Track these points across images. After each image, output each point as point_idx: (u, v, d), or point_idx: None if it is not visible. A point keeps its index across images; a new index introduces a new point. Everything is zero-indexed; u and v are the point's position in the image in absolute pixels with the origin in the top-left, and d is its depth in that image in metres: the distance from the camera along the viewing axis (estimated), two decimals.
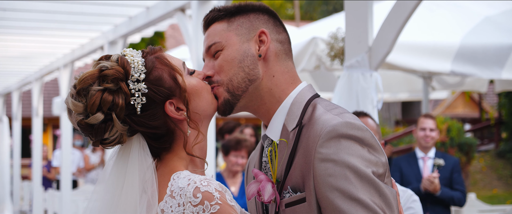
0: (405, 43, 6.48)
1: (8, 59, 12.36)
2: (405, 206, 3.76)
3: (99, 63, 2.15)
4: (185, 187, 2.03)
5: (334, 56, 5.07)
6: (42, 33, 9.94)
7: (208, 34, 2.31)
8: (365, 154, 2.01)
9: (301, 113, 2.18)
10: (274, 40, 2.27)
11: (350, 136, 2.01)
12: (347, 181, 1.96)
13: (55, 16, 8.80)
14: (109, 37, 9.16)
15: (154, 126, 2.14)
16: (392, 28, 4.66)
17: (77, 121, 2.11)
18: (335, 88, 4.93)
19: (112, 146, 2.16)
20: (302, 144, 2.09)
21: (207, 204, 2.00)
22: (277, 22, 2.32)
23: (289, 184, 2.12)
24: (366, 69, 4.75)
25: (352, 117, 2.10)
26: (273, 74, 2.24)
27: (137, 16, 8.11)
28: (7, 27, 9.34)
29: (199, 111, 2.22)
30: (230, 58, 2.22)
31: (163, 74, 2.16)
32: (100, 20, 8.92)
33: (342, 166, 1.97)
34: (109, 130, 2.11)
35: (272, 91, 2.24)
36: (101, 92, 2.08)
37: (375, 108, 4.78)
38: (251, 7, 2.30)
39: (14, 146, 16.97)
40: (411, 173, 7.27)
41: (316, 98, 2.24)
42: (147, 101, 2.12)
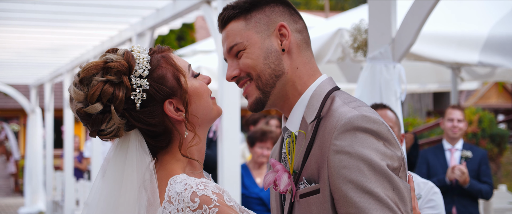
0: (432, 33, 6.44)
1: (40, 51, 12.53)
2: (426, 199, 3.75)
3: (106, 55, 2.18)
4: (183, 192, 2.04)
5: (357, 48, 5.06)
6: (72, 26, 10.07)
7: (226, 34, 2.29)
8: (381, 147, 2.01)
9: (320, 106, 2.18)
10: (293, 31, 2.26)
11: (366, 129, 2.01)
12: (361, 174, 1.97)
13: (84, 8, 8.92)
14: (137, 29, 9.24)
15: (152, 123, 2.16)
16: (415, 20, 4.64)
17: (77, 108, 2.14)
18: (358, 80, 4.92)
19: (108, 138, 2.18)
20: (319, 136, 2.10)
21: (206, 208, 2.01)
22: (292, 11, 2.31)
23: (305, 175, 2.13)
24: (389, 61, 4.73)
25: (369, 110, 2.10)
26: (296, 66, 2.25)
27: (164, 8, 8.16)
28: (37, 19, 9.48)
29: (198, 114, 2.23)
30: (255, 56, 2.22)
31: (166, 74, 2.18)
32: (128, 13, 9.00)
33: (357, 159, 1.98)
34: (107, 122, 2.13)
35: (295, 84, 2.24)
36: (103, 83, 2.11)
37: (399, 100, 4.76)
38: (265, 0, 2.29)
39: (46, 136, 17.21)
40: (438, 164, 7.22)
41: (335, 91, 2.24)
42: (147, 98, 2.14)
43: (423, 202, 3.74)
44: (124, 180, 2.14)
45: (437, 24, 6.70)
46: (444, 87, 11.91)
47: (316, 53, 6.75)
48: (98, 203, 2.18)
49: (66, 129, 14.29)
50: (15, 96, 18.97)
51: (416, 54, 6.32)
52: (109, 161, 2.21)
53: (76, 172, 15.35)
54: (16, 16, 9.31)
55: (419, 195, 3.74)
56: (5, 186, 25.86)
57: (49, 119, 16.95)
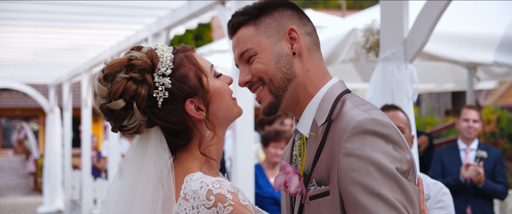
0: (447, 33, 6.42)
1: (57, 51, 12.64)
2: (435, 199, 3.75)
3: (130, 52, 2.21)
4: (198, 190, 2.07)
5: (370, 49, 5.06)
6: (89, 26, 10.16)
7: (237, 40, 2.31)
8: (390, 150, 2.02)
9: (330, 108, 2.20)
10: (303, 34, 2.27)
11: (375, 132, 2.02)
12: (370, 177, 1.98)
13: (101, 9, 9.00)
14: (153, 29, 9.31)
15: (173, 121, 2.19)
16: (427, 20, 4.63)
17: (100, 104, 2.18)
18: (370, 81, 4.92)
19: (130, 134, 2.21)
20: (329, 138, 2.12)
21: (221, 206, 2.04)
22: (301, 14, 2.32)
23: (315, 177, 2.15)
24: (401, 61, 4.73)
25: (379, 113, 2.11)
26: (307, 69, 2.26)
27: (179, 8, 8.21)
28: (55, 20, 9.57)
29: (219, 114, 2.25)
30: (266, 61, 2.24)
31: (189, 73, 2.21)
32: (144, 13, 9.07)
33: (366, 162, 1.99)
34: (129, 118, 2.16)
35: (306, 87, 2.26)
36: (126, 80, 2.14)
37: (411, 100, 4.76)
38: (273, 4, 2.30)
39: (65, 136, 17.35)
40: (452, 164, 7.20)
41: (346, 94, 2.25)
42: (169, 96, 2.17)
43: (433, 203, 3.74)
44: (142, 175, 2.18)
45: (452, 24, 6.68)
46: (460, 87, 11.85)
47: (330, 53, 6.76)
48: (116, 199, 2.21)
49: (84, 128, 14.40)
50: (34, 96, 19.15)
51: (431, 54, 6.30)
52: (129, 157, 2.25)
53: (93, 171, 15.45)
54: (34, 17, 9.41)
55: (428, 195, 3.74)
56: (25, 185, 26.11)
57: (67, 118, 17.09)
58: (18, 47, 12.26)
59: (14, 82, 18.82)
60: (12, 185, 25.90)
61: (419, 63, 8.94)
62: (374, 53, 5.05)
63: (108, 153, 12.27)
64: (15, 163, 29.25)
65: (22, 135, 29.71)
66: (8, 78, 18.31)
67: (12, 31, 10.61)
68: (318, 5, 39.16)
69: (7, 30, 10.54)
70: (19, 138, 30.35)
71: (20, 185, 26.01)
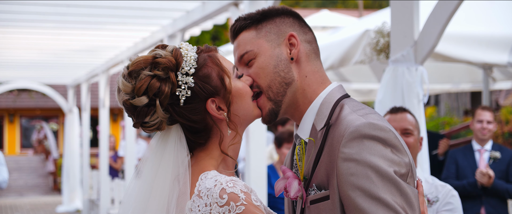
0: (461, 34, 6.42)
1: (75, 52, 12.76)
2: (444, 201, 3.75)
3: (155, 50, 2.25)
4: (212, 188, 2.10)
5: (380, 51, 5.08)
6: (106, 28, 10.26)
7: (238, 43, 2.36)
8: (388, 154, 2.04)
9: (329, 113, 2.22)
10: (303, 41, 2.32)
11: (373, 136, 2.05)
12: (368, 180, 2.00)
13: (116, 11, 9.08)
14: (168, 30, 9.38)
15: (194, 119, 2.22)
16: (437, 22, 4.64)
17: (123, 100, 2.22)
18: (380, 83, 4.93)
19: (151, 131, 2.26)
20: (328, 143, 2.14)
21: (233, 205, 2.07)
22: (302, 23, 2.37)
23: (315, 181, 2.18)
24: (411, 63, 4.74)
25: (377, 117, 2.14)
26: (305, 75, 2.30)
27: (194, 10, 8.27)
28: (71, 22, 9.67)
29: (240, 114, 2.28)
30: (265, 65, 2.28)
31: (211, 73, 2.24)
32: (159, 15, 9.14)
33: (364, 166, 2.02)
34: (151, 115, 2.20)
35: (305, 92, 2.29)
36: (150, 77, 2.18)
37: (421, 102, 4.76)
38: (275, 11, 2.36)
39: (83, 135, 17.48)
40: (467, 165, 7.19)
41: (345, 98, 2.28)
42: (191, 95, 2.20)
43: (441, 205, 3.74)
44: (160, 171, 2.22)
45: (466, 25, 6.67)
46: (477, 87, 11.79)
47: (344, 55, 6.77)
48: (135, 196, 2.26)
49: (102, 128, 14.51)
50: (53, 96, 19.31)
51: (445, 55, 6.29)
52: (147, 156, 2.29)
53: (111, 171, 15.55)
54: (51, 19, 9.51)
55: (437, 197, 3.75)
56: (44, 185, 26.32)
57: (85, 118, 17.23)
58: (36, 49, 12.38)
59: (34, 83, 19.01)
60: (32, 184, 26.13)
61: (435, 64, 8.93)
62: (385, 55, 5.05)
63: (125, 153, 12.35)
64: (35, 163, 29.50)
65: (42, 135, 29.94)
66: (27, 79, 18.49)
67: (30, 33, 10.73)
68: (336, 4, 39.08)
69: (25, 32, 10.67)
70: (39, 137, 30.59)
71: (39, 185, 26.23)
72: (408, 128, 3.84)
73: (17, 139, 35.36)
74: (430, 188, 3.81)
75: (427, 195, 3.76)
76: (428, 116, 22.23)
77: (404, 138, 3.83)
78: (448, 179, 7.18)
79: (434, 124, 19.31)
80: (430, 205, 3.72)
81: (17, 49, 12.55)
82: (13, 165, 28.73)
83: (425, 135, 4.72)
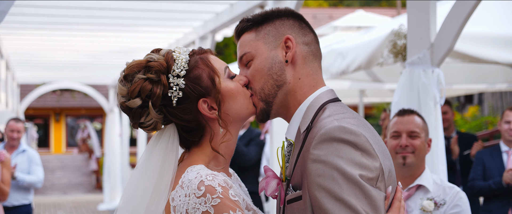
0: (486, 35, 6.36)
1: (112, 53, 13.02)
2: (452, 204, 3.74)
3: (149, 54, 2.37)
4: (193, 180, 2.20)
5: (397, 53, 5.10)
6: (141, 30, 10.50)
7: (239, 44, 2.44)
8: (357, 157, 2.08)
9: (313, 116, 2.27)
10: (300, 43, 2.35)
11: (343, 139, 2.09)
12: (334, 182, 2.05)
13: (150, 14, 9.29)
14: (199, 32, 9.54)
15: (186, 119, 2.33)
16: (454, 25, 4.65)
17: (120, 102, 2.35)
18: (397, 85, 4.95)
19: (149, 130, 2.38)
20: (305, 145, 2.20)
21: (209, 197, 2.16)
22: (303, 25, 2.40)
23: (292, 182, 2.24)
24: (427, 65, 4.75)
25: (352, 122, 2.17)
26: (299, 77, 2.35)
27: (223, 12, 8.41)
28: (105, 24, 9.91)
29: (231, 113, 2.37)
30: (260, 67, 2.35)
31: (202, 74, 2.33)
32: (191, 17, 9.32)
33: (331, 167, 2.06)
34: (145, 116, 2.32)
35: (295, 94, 2.35)
36: (143, 80, 2.29)
37: (438, 104, 4.77)
38: (277, 13, 2.40)
39: (123, 135, 17.75)
40: (494, 166, 7.13)
41: (331, 102, 2.32)
42: (183, 96, 2.31)
43: (449, 207, 3.74)
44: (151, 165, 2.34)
45: (492, 25, 6.62)
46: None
47: (371, 56, 6.78)
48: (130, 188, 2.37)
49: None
50: (95, 96, 19.67)
51: (472, 56, 6.25)
52: (146, 149, 2.41)
53: None
54: (87, 22, 9.75)
55: (444, 200, 3.75)
56: (87, 183, 26.76)
57: (125, 117, 17.48)
58: (74, 50, 12.68)
59: (76, 83, 19.39)
60: (75, 183, 26.60)
61: (468, 64, 8.85)
62: (402, 57, 5.08)
63: None
64: (79, 161, 30.04)
65: (86, 134, 30.49)
66: (69, 79, 18.87)
67: (65, 35, 11.03)
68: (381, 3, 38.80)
69: (62, 34, 10.96)
70: (83, 136, 31.15)
71: (83, 183, 26.68)
72: (414, 130, 3.87)
73: (63, 138, 36.06)
74: (438, 190, 3.82)
75: (434, 198, 3.77)
76: (471, 115, 21.97)
77: (410, 140, 3.86)
78: (474, 180, 7.14)
79: (477, 123, 19.07)
80: (437, 208, 3.73)
81: (55, 51, 12.87)
82: (58, 163, 29.29)
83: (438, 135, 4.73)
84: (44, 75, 17.78)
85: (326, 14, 31.49)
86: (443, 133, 8.00)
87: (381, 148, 2.19)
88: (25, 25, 10.13)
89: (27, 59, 14.47)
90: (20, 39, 11.69)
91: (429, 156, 4.67)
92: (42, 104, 32.72)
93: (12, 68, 15.19)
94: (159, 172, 2.31)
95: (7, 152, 7.80)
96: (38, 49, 12.76)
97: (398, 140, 3.87)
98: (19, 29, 10.61)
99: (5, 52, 12.48)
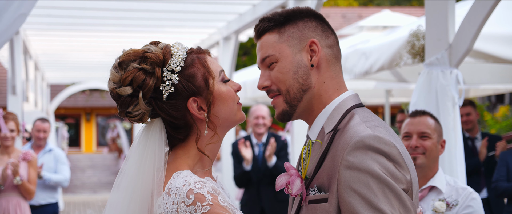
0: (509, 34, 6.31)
1: None
2: (464, 205, 3.73)
3: (148, 45, 2.37)
4: (181, 188, 2.19)
5: (415, 54, 5.08)
6: (167, 30, 10.61)
7: (261, 45, 2.38)
8: (390, 167, 2.08)
9: (339, 119, 2.27)
10: (324, 46, 2.34)
11: (377, 149, 2.09)
12: (369, 190, 2.05)
13: (175, 15, 9.39)
14: (223, 33, 9.60)
15: (174, 115, 2.31)
16: (472, 25, 4.62)
17: (111, 88, 2.34)
18: (415, 86, 4.94)
19: (135, 121, 2.36)
20: (333, 148, 2.20)
21: (199, 205, 2.15)
22: (324, 26, 2.38)
23: (316, 182, 2.23)
24: (446, 66, 4.74)
25: (384, 131, 2.17)
26: (324, 81, 2.33)
27: (245, 13, 8.46)
28: (131, 25, 10.03)
29: (220, 116, 2.37)
30: (285, 70, 2.32)
31: (197, 73, 2.33)
32: (215, 18, 9.40)
33: (366, 175, 2.06)
34: (134, 105, 2.30)
35: (321, 98, 2.34)
36: (137, 70, 2.28)
37: (456, 105, 4.75)
38: (299, 14, 2.36)
39: None
40: None
41: (357, 108, 2.32)
42: (174, 92, 2.29)
43: (461, 208, 3.73)
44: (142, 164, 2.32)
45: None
46: None
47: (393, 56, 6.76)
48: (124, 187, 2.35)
49: None
50: None
51: (495, 56, 6.20)
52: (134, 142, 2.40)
53: None
54: (112, 23, 9.89)
55: (456, 201, 3.74)
56: None
57: None
58: (101, 51, 12.84)
59: (104, 83, 19.52)
60: (105, 181, 26.83)
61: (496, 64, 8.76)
62: (420, 58, 5.06)
63: None
64: (108, 161, 30.32)
65: (115, 133, 30.76)
66: (98, 80, 19.08)
67: (94, 36, 11.18)
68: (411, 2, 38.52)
69: (89, 35, 11.12)
70: (113, 136, 31.43)
71: (112, 182, 26.70)
72: (425, 131, 3.86)
73: (94, 137, 36.45)
74: (450, 191, 3.82)
75: (447, 199, 3.76)
76: (502, 115, 21.72)
77: (420, 141, 3.86)
78: (498, 181, 7.09)
79: (508, 123, 18.86)
80: (449, 208, 3.72)
81: (83, 52, 13.04)
82: (88, 162, 29.61)
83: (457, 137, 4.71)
84: (73, 76, 18.02)
85: (355, 13, 31.39)
86: (467, 134, 8.00)
87: (408, 159, 2.20)
88: (52, 26, 10.30)
89: (56, 60, 14.69)
90: (48, 40, 11.88)
91: (447, 158, 4.66)
92: (73, 104, 33.12)
93: (42, 68, 15.40)
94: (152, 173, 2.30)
95: (34, 152, 7.92)
96: (66, 50, 12.94)
97: (409, 141, 3.88)
98: (46, 30, 10.79)
99: (34, 53, 12.67)
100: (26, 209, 7.43)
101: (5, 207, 7.26)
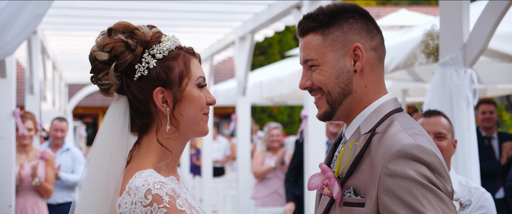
0: None
1: None
2: (477, 205, 3.72)
3: (142, 25, 2.40)
4: (140, 187, 2.19)
5: (430, 54, 5.07)
6: (182, 30, 10.63)
7: (304, 45, 2.36)
8: (432, 177, 2.08)
9: (378, 122, 2.27)
10: (369, 49, 2.32)
11: (419, 158, 2.08)
12: (413, 198, 2.04)
13: (192, 14, 9.44)
14: (239, 32, 9.64)
15: (138, 98, 2.33)
16: (487, 25, 4.61)
17: (92, 49, 2.37)
18: (429, 85, 4.93)
19: (103, 91, 2.37)
20: (371, 151, 2.19)
21: (155, 206, 2.16)
22: (370, 26, 2.34)
23: (352, 185, 2.22)
24: (460, 66, 4.72)
25: (425, 140, 2.16)
26: (365, 85, 2.32)
27: (261, 12, 8.49)
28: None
29: (185, 115, 2.35)
30: (327, 74, 2.31)
31: (175, 68, 2.34)
32: (231, 17, 9.43)
33: (409, 182, 2.06)
34: (104, 73, 2.33)
35: (361, 102, 2.33)
36: (121, 41, 2.31)
37: (471, 104, 4.73)
38: (344, 14, 2.32)
39: None
40: None
41: (397, 113, 2.31)
42: (146, 75, 2.31)
43: (474, 209, 3.72)
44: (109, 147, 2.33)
45: None
46: None
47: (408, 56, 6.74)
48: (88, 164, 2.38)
49: None
50: None
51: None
52: (104, 118, 2.40)
53: (193, 169, 15.87)
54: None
55: (469, 201, 3.73)
56: None
57: None
58: None
59: None
60: None
61: None
62: (434, 58, 5.05)
63: (201, 151, 12.63)
64: None
65: None
66: None
67: None
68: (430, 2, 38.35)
69: None
70: None
71: None
72: (441, 132, 3.86)
73: None
74: (463, 191, 3.81)
75: (460, 199, 3.76)
76: None
77: (437, 141, 3.84)
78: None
79: None
80: (462, 208, 3.72)
81: None
82: None
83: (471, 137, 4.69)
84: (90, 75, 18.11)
85: (373, 12, 31.29)
86: (484, 133, 7.96)
87: (446, 168, 2.18)
88: (70, 26, 10.38)
89: (74, 59, 14.79)
90: (66, 40, 11.97)
91: (461, 158, 4.64)
92: (91, 104, 33.30)
93: (59, 68, 15.52)
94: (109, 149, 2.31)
95: (51, 151, 7.99)
96: (84, 50, 13.01)
97: None
98: (64, 30, 10.87)
99: (52, 53, 12.77)
100: (43, 208, 7.51)
101: (22, 205, 7.35)
